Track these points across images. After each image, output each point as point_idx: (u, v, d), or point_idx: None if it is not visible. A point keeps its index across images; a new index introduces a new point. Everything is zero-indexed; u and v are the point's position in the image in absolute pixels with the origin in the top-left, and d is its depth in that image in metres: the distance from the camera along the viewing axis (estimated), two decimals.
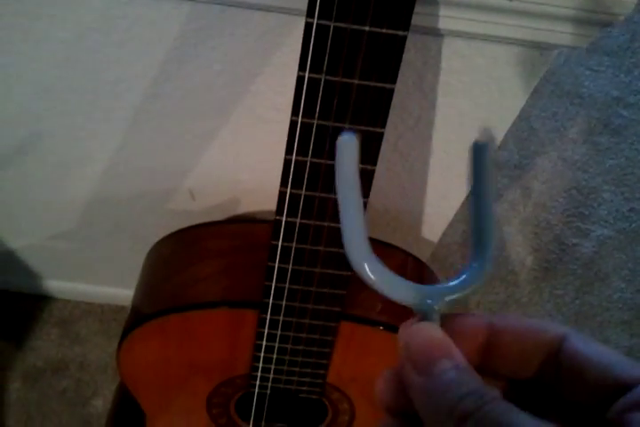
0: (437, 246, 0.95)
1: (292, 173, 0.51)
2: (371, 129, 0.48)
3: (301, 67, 0.44)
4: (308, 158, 0.50)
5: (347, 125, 0.48)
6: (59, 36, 0.65)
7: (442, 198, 0.86)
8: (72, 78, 0.71)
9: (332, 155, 0.36)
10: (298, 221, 0.55)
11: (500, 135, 0.74)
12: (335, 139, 0.24)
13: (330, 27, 0.42)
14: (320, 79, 0.45)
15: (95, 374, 1.22)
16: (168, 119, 0.76)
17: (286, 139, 0.48)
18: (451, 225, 0.90)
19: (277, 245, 0.57)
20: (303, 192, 0.52)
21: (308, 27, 0.42)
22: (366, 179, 0.50)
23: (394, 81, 0.46)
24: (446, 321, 0.25)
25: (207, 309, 0.67)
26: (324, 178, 0.51)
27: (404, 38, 0.43)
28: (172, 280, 0.74)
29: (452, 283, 0.26)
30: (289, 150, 0.49)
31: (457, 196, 0.85)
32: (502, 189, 1.50)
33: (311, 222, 0.55)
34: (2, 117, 0.79)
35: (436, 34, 0.61)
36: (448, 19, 0.58)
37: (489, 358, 0.25)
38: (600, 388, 0.23)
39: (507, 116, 0.71)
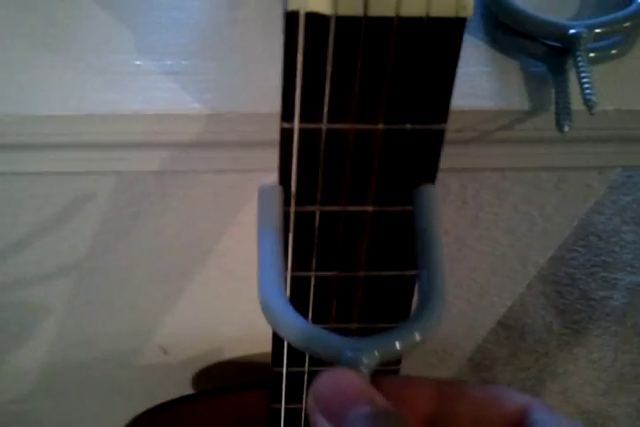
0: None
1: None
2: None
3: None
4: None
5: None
6: None
7: (472, 322, 0.70)
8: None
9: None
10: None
11: (542, 260, 0.58)
12: None
13: None
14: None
15: None
16: (115, 288, 0.59)
17: None
18: (480, 349, 0.75)
19: None
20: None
21: None
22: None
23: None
24: (383, 384, 0.21)
25: None
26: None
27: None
28: None
29: (388, 334, 0.22)
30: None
31: (485, 319, 0.69)
32: None
33: None
34: None
35: (458, 171, 0.45)
36: (477, 157, 0.42)
37: None
38: None
39: (552, 240, 0.55)
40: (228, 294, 0.61)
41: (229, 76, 0.35)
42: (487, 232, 0.53)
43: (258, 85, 0.35)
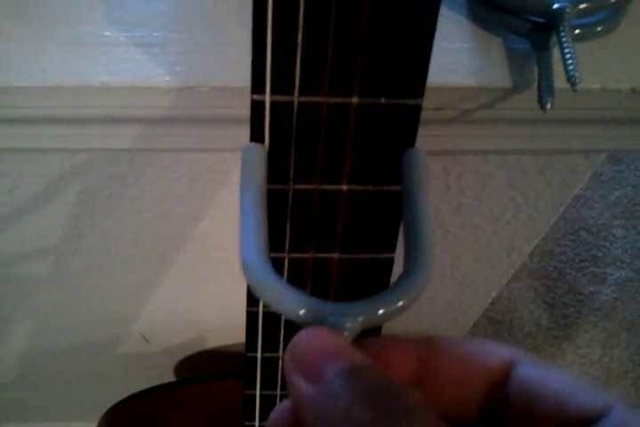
0: None
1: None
2: None
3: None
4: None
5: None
6: None
7: (457, 314, 0.69)
8: None
9: None
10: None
11: (527, 249, 0.57)
12: None
13: None
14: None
15: None
16: (94, 272, 0.57)
17: None
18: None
19: None
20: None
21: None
22: None
23: (392, 250, 0.32)
24: (364, 345, 0.20)
25: None
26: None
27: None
28: None
29: (370, 300, 0.21)
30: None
31: (470, 310, 0.68)
32: None
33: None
34: None
35: (440, 153, 0.44)
36: (459, 138, 0.40)
37: (423, 392, 0.19)
38: (559, 421, 0.19)
39: (538, 228, 0.54)
40: (208, 280, 0.60)
41: (201, 48, 0.34)
42: (470, 219, 0.52)
43: (231, 59, 0.34)
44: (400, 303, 0.21)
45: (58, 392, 0.91)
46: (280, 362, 0.39)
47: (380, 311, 0.21)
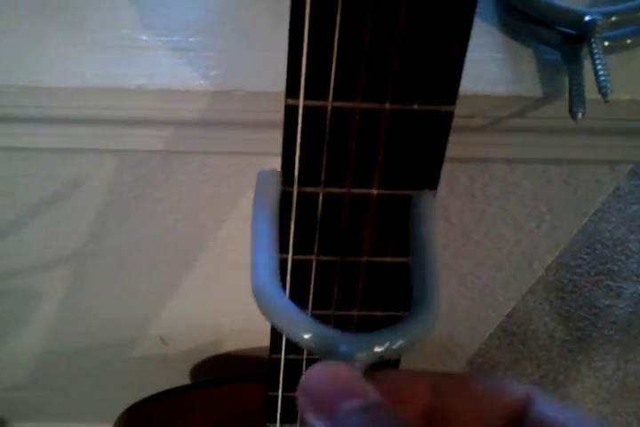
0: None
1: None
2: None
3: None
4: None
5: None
6: None
7: (476, 322, 0.69)
8: None
9: None
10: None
11: (549, 259, 0.57)
12: None
13: None
14: None
15: None
16: (115, 274, 0.58)
17: None
18: (481, 353, 0.73)
19: None
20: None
21: None
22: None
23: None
24: (377, 379, 0.20)
25: None
26: None
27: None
28: None
29: (383, 331, 0.21)
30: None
31: (489, 319, 0.68)
32: None
33: None
34: None
35: (467, 161, 0.44)
36: (487, 146, 0.41)
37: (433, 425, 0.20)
38: None
39: (560, 238, 0.54)
40: (229, 284, 0.60)
41: (237, 53, 0.35)
42: (494, 227, 0.52)
43: (267, 64, 0.35)
44: (409, 340, 0.21)
45: (73, 393, 0.91)
46: (304, 364, 0.39)
47: (397, 342, 0.21)
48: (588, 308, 1.29)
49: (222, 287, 0.61)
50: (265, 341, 0.37)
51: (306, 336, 0.21)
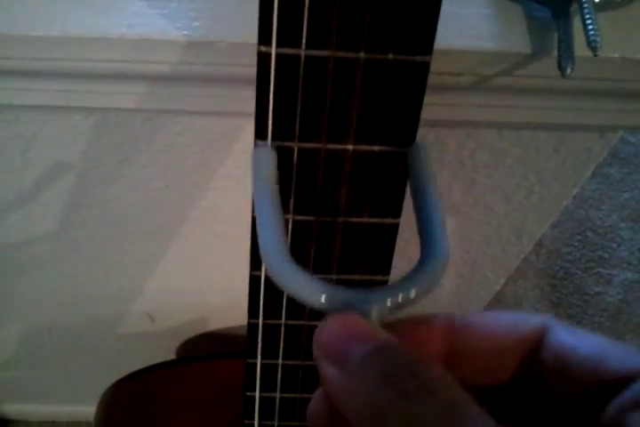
0: None
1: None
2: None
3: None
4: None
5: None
6: None
7: (466, 300, 0.68)
8: None
9: None
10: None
11: (538, 233, 0.56)
12: None
13: None
14: None
15: None
16: (101, 245, 0.57)
17: None
18: None
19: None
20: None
21: None
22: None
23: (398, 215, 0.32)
24: (391, 328, 0.20)
25: None
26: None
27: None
28: None
29: (392, 285, 0.22)
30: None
31: (478, 298, 0.67)
32: None
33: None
34: None
35: (455, 126, 0.43)
36: (475, 108, 0.40)
37: (453, 366, 0.20)
38: (592, 385, 0.19)
39: (549, 210, 0.53)
40: (215, 256, 0.60)
41: (220, 5, 0.34)
42: (482, 199, 0.52)
43: (251, 15, 0.34)
44: (422, 288, 0.22)
45: (59, 372, 0.91)
46: (282, 329, 0.39)
47: (411, 293, 0.21)
48: (579, 295, 1.29)
49: (208, 260, 0.60)
50: None
51: (322, 299, 0.21)
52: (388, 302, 0.21)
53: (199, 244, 0.58)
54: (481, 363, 0.22)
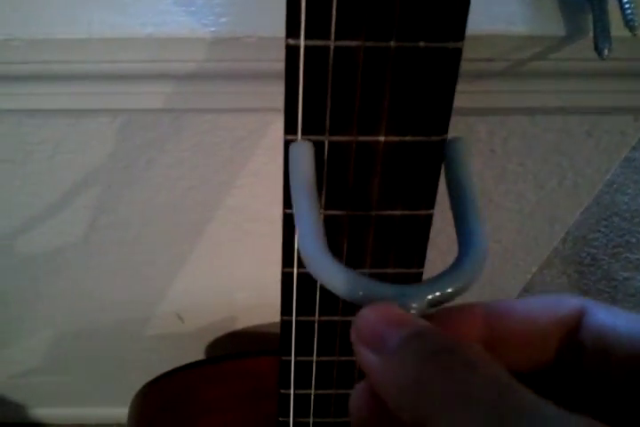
0: None
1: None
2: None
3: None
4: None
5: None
6: None
7: (497, 290, 0.67)
8: None
9: None
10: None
11: (571, 220, 0.55)
12: None
13: None
14: None
15: None
16: (129, 247, 0.57)
17: None
18: None
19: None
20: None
21: None
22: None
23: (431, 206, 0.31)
24: (429, 318, 0.20)
25: None
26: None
27: None
28: None
29: (431, 281, 0.22)
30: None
31: (509, 287, 0.67)
32: None
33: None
34: None
35: (486, 113, 0.43)
36: (508, 94, 0.39)
37: (494, 353, 0.19)
38: (634, 362, 0.19)
39: (582, 196, 0.52)
40: (243, 255, 0.60)
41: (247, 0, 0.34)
42: (514, 187, 0.51)
43: (279, 9, 0.33)
44: (461, 284, 0.22)
45: (88, 377, 0.91)
46: (316, 326, 0.38)
47: (450, 290, 0.21)
48: (607, 281, 1.27)
49: (237, 258, 0.60)
50: (279, 316, 0.37)
51: (361, 293, 0.21)
52: (428, 298, 0.21)
53: (227, 242, 0.57)
54: (521, 348, 0.22)
